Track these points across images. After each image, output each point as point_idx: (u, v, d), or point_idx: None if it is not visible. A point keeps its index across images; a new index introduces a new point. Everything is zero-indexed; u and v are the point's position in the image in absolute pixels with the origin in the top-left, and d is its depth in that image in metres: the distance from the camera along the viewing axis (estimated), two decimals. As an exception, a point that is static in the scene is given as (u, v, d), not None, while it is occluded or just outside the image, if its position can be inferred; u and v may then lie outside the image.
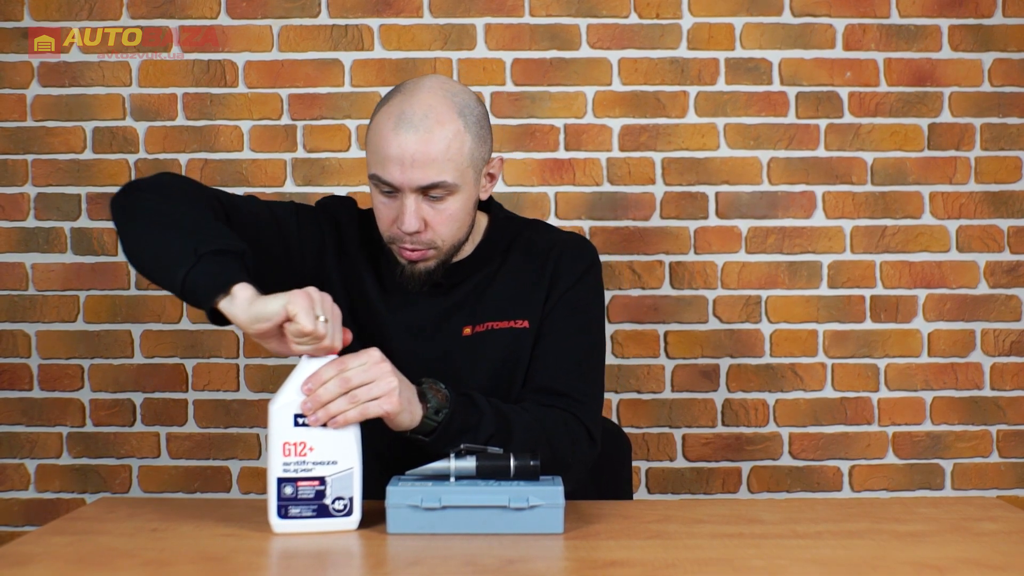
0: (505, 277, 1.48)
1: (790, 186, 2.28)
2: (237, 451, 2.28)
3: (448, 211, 1.37)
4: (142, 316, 2.28)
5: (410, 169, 1.32)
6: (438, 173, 1.33)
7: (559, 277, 1.47)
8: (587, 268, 1.50)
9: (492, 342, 1.45)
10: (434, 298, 1.46)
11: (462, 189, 1.37)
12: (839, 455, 2.28)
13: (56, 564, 1.08)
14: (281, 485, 1.18)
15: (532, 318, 1.46)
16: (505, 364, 1.45)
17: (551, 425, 1.38)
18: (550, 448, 1.34)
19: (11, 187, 2.28)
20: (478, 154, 1.38)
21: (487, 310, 1.46)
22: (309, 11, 2.26)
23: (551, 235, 1.54)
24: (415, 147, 1.31)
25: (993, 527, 1.22)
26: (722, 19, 2.27)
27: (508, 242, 1.51)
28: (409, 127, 1.32)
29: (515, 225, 1.55)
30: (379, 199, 1.38)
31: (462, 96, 1.37)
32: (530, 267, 1.48)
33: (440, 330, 1.46)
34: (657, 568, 1.05)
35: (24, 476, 2.29)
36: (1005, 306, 2.28)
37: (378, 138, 1.34)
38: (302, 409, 1.18)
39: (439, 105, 1.34)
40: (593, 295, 1.50)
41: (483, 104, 1.42)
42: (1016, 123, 2.27)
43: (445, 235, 1.38)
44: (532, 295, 1.47)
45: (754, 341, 2.28)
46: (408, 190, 1.34)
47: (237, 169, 2.27)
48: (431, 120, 1.32)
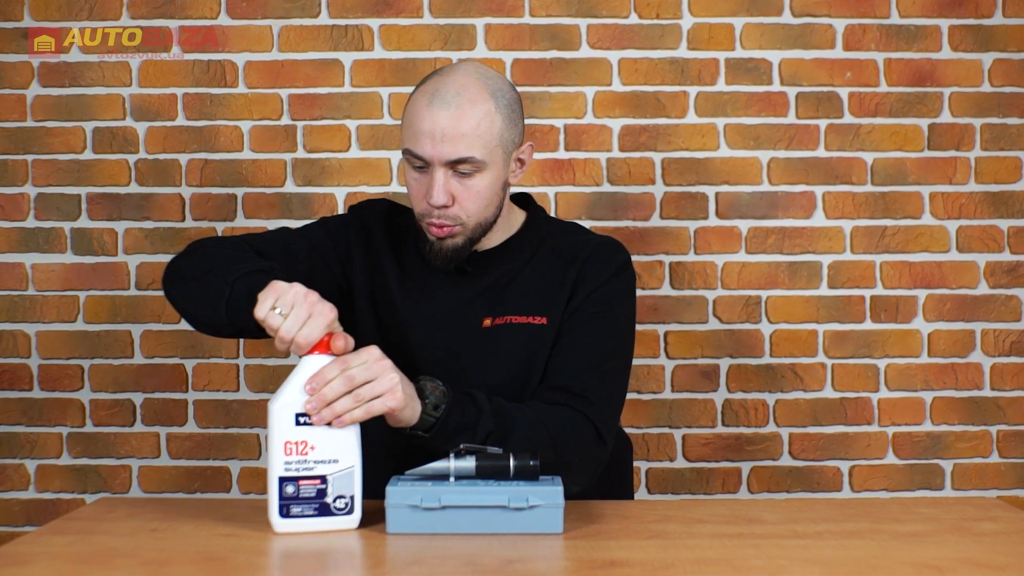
0: (530, 273, 1.50)
1: (790, 186, 2.28)
2: (237, 451, 2.28)
3: (476, 188, 1.41)
4: (142, 316, 2.28)
5: (440, 143, 1.37)
6: (467, 148, 1.38)
7: (585, 278, 1.48)
8: (616, 271, 1.50)
9: (510, 336, 1.46)
10: (456, 287, 1.49)
11: (490, 167, 1.41)
12: (839, 455, 2.28)
13: (56, 564, 1.08)
14: (283, 484, 1.18)
15: (551, 316, 1.47)
16: (521, 359, 1.45)
17: (556, 424, 1.38)
18: (553, 447, 1.35)
19: (11, 187, 2.28)
20: (508, 135, 1.43)
21: (508, 303, 1.48)
22: (309, 11, 2.26)
23: (585, 237, 1.56)
24: (446, 122, 1.37)
25: (993, 527, 1.22)
26: (722, 19, 2.27)
27: (540, 240, 1.53)
28: (442, 103, 1.37)
29: (552, 225, 1.58)
30: (412, 175, 1.43)
31: (496, 80, 1.43)
32: (557, 265, 1.50)
33: (460, 320, 1.47)
34: (657, 568, 1.05)
35: (24, 476, 2.29)
36: (1005, 306, 2.28)
37: (412, 114, 1.40)
38: (306, 409, 1.18)
39: (472, 85, 1.40)
40: (621, 298, 1.50)
41: (516, 91, 1.47)
42: (1016, 123, 2.27)
43: (472, 211, 1.42)
44: (555, 293, 1.48)
45: (754, 341, 2.28)
46: (438, 164, 1.38)
47: (237, 169, 2.27)
48: (463, 98, 1.38)
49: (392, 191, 2.26)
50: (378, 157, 2.27)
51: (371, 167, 2.27)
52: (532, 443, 1.32)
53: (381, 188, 2.27)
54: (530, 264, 1.51)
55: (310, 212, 2.26)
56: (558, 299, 1.47)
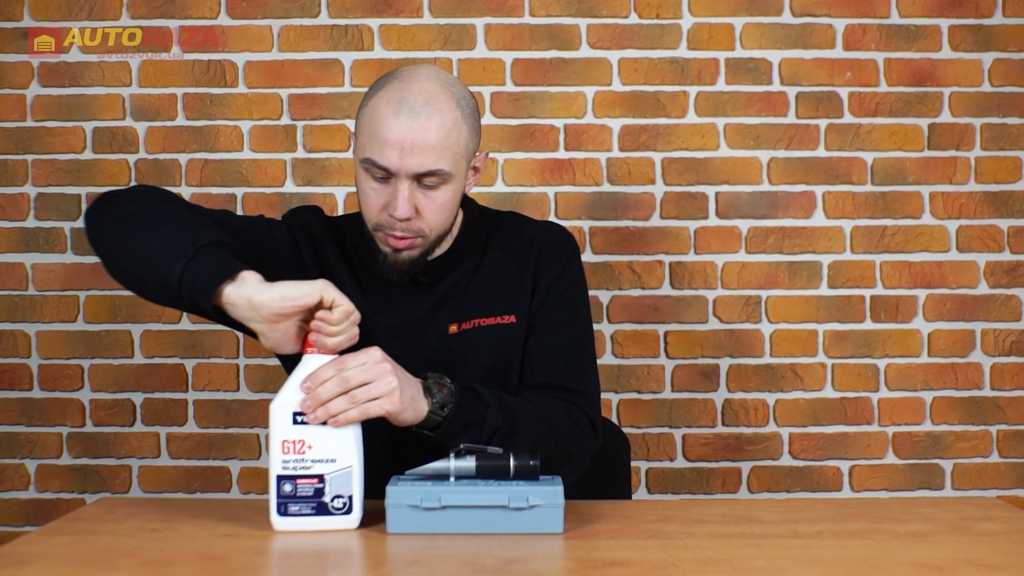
0: (487, 272, 1.48)
1: (790, 186, 2.28)
2: (237, 451, 2.28)
3: (440, 200, 1.36)
4: (142, 316, 2.28)
5: (408, 155, 1.32)
6: (435, 160, 1.33)
7: (543, 269, 1.47)
8: (569, 257, 1.50)
9: (481, 339, 1.44)
10: (416, 297, 1.46)
11: (455, 178, 1.37)
12: (839, 455, 2.28)
13: (56, 564, 1.08)
14: (280, 483, 1.18)
15: (519, 312, 1.46)
16: (496, 361, 1.45)
17: (556, 417, 1.38)
18: (555, 440, 1.35)
19: (11, 187, 2.28)
20: (471, 145, 1.40)
21: (472, 307, 1.46)
22: (309, 11, 2.26)
23: (528, 226, 1.54)
24: (416, 133, 1.31)
25: (993, 527, 1.22)
26: (722, 19, 2.27)
27: (485, 236, 1.51)
28: (410, 113, 1.32)
29: (490, 218, 1.54)
30: (369, 184, 1.36)
31: (457, 87, 1.39)
32: (511, 260, 1.48)
33: (426, 329, 1.45)
34: (657, 568, 1.05)
35: (24, 476, 2.29)
36: (1005, 306, 2.28)
37: (376, 122, 1.33)
38: (301, 407, 1.18)
39: (439, 94, 1.34)
40: (579, 283, 1.51)
41: (472, 95, 1.42)
42: (1016, 123, 2.27)
43: (434, 224, 1.38)
44: (516, 289, 1.47)
45: (754, 341, 2.28)
46: (404, 176, 1.33)
47: (237, 169, 2.27)
48: (431, 108, 1.33)
49: (392, 191, 2.26)
50: (378, 157, 2.27)
51: (371, 167, 2.27)
52: (536, 437, 1.32)
53: (381, 188, 2.26)
54: (484, 263, 1.49)
55: (310, 212, 2.26)
56: (521, 293, 1.46)
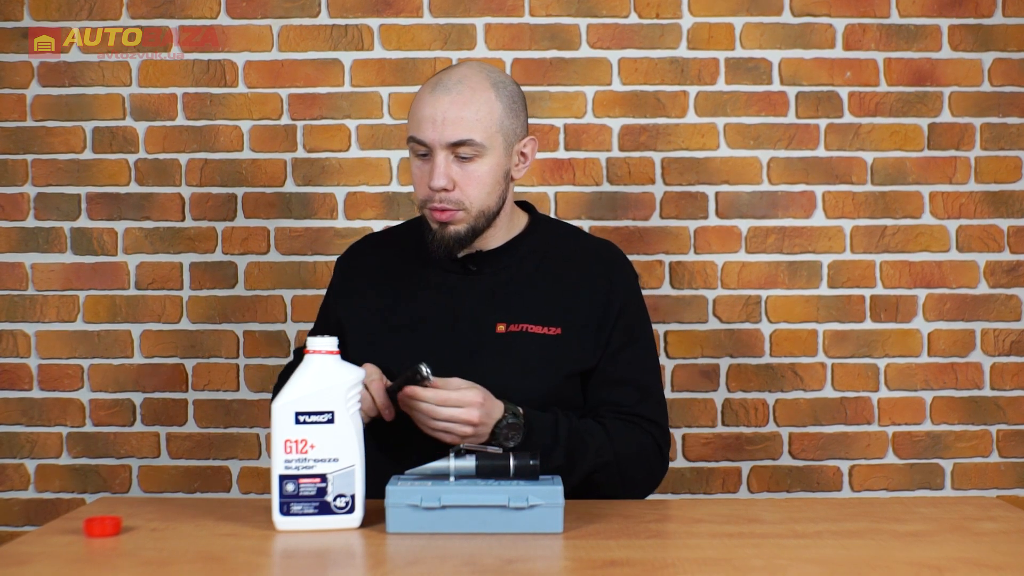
0: (540, 280, 1.53)
1: (790, 186, 2.28)
2: (237, 451, 2.28)
3: (476, 172, 1.45)
4: (142, 316, 2.28)
5: (441, 126, 1.43)
6: (467, 131, 1.43)
7: (615, 293, 1.54)
8: (635, 279, 1.60)
9: (525, 344, 1.48)
10: (468, 287, 1.52)
11: (490, 152, 1.45)
12: (839, 455, 2.28)
13: (56, 564, 1.08)
14: (283, 482, 1.19)
15: (566, 327, 1.49)
16: (535, 369, 1.47)
17: (633, 445, 1.46)
18: (618, 471, 1.44)
19: (11, 187, 2.28)
20: (508, 124, 1.48)
21: (523, 311, 1.50)
22: (309, 11, 2.26)
23: (587, 243, 1.62)
24: (446, 107, 1.44)
25: (993, 527, 1.22)
26: (722, 19, 2.27)
27: (546, 244, 1.57)
28: (443, 90, 1.46)
29: (555, 227, 1.62)
30: (416, 163, 1.49)
31: (499, 74, 1.51)
32: (571, 275, 1.53)
33: (474, 322, 1.49)
34: (657, 568, 1.05)
35: (24, 476, 2.29)
36: (1005, 306, 2.28)
37: (416, 105, 1.48)
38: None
39: (474, 76, 1.48)
40: (645, 310, 1.61)
41: (519, 87, 1.54)
42: (1016, 123, 2.27)
43: (473, 196, 1.46)
44: (569, 304, 1.51)
45: (754, 341, 2.28)
46: (439, 147, 1.44)
47: (237, 169, 2.27)
48: (464, 86, 1.46)
49: (392, 191, 2.26)
50: (378, 157, 2.27)
51: (371, 167, 2.27)
52: (595, 469, 1.42)
53: (381, 188, 2.26)
54: (539, 270, 1.53)
55: (310, 212, 2.26)
56: (572, 310, 1.50)
